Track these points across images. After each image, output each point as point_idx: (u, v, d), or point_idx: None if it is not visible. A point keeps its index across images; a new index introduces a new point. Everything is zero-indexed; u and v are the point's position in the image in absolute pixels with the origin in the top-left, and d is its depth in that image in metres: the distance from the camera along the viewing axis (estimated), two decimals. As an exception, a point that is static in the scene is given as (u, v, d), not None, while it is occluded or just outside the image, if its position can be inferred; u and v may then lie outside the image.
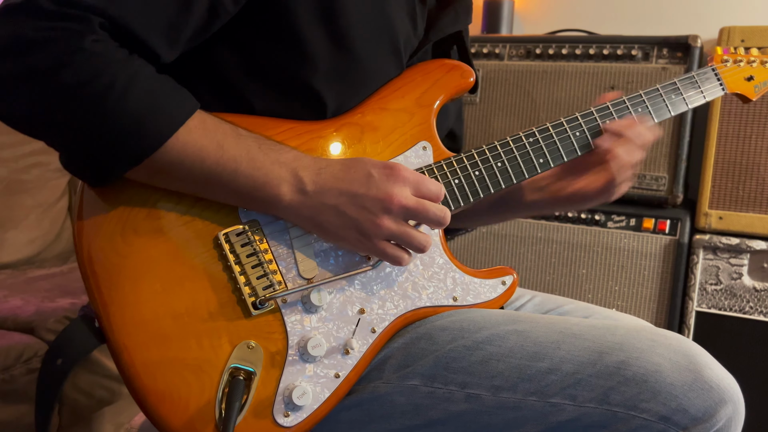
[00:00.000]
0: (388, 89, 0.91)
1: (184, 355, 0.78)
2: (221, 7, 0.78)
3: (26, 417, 1.47)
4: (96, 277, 0.78)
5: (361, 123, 0.89)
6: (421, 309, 0.88)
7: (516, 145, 0.94)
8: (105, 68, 0.70)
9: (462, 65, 0.96)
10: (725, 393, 0.77)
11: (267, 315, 0.81)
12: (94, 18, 0.71)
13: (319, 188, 0.79)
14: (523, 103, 2.00)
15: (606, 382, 0.78)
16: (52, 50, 0.69)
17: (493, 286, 0.93)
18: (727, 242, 1.80)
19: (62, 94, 0.70)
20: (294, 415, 0.80)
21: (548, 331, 0.83)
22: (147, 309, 0.78)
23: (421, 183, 0.81)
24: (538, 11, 2.42)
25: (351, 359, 0.84)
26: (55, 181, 2.21)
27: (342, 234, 0.81)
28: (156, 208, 0.80)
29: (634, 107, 1.01)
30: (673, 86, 1.06)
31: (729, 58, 1.13)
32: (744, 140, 1.81)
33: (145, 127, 0.73)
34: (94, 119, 0.71)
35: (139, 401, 0.78)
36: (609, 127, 0.96)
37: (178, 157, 0.75)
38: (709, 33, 2.03)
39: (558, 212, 1.01)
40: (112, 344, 0.77)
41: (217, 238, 0.80)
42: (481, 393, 0.82)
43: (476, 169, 0.91)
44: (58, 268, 2.04)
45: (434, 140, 0.92)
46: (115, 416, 1.69)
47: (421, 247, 0.82)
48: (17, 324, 1.59)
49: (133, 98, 0.71)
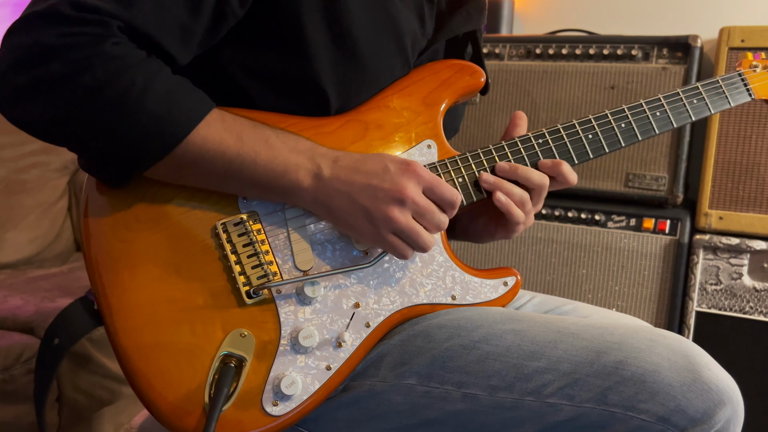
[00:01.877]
0: (395, 88, 0.92)
1: (177, 339, 0.79)
2: (228, 8, 0.80)
3: (26, 417, 1.47)
4: (97, 261, 0.80)
5: (366, 120, 0.89)
6: (418, 306, 0.88)
7: (524, 145, 0.93)
8: (124, 70, 0.73)
9: (472, 65, 0.96)
10: (724, 394, 0.77)
11: (261, 304, 0.82)
12: (112, 22, 0.73)
13: (335, 175, 0.81)
14: (523, 103, 2.00)
15: (604, 382, 0.78)
16: (73, 55, 0.71)
17: (495, 287, 0.92)
18: (727, 242, 1.80)
19: (84, 96, 0.72)
20: (282, 405, 0.81)
21: (546, 331, 0.83)
22: (144, 294, 0.80)
23: (436, 186, 0.82)
24: (538, 11, 2.42)
25: (343, 352, 0.84)
26: (55, 181, 2.22)
27: (352, 221, 0.81)
28: (158, 197, 0.82)
29: (652, 111, 0.97)
30: (695, 91, 1.01)
31: (759, 64, 1.09)
32: (744, 140, 1.80)
33: (166, 124, 0.75)
34: (116, 119, 0.73)
35: (132, 383, 0.79)
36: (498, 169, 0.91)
37: (200, 152, 0.77)
38: (709, 33, 2.03)
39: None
40: (108, 326, 0.79)
41: (215, 228, 0.82)
42: (478, 392, 0.82)
43: (481, 169, 0.91)
44: (58, 268, 2.04)
45: (440, 139, 0.92)
46: (115, 416, 1.69)
47: (425, 247, 0.82)
48: (17, 324, 1.59)
49: (153, 97, 0.74)
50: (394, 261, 0.88)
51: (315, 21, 0.83)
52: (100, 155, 0.77)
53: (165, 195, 0.82)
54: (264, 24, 0.83)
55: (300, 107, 0.87)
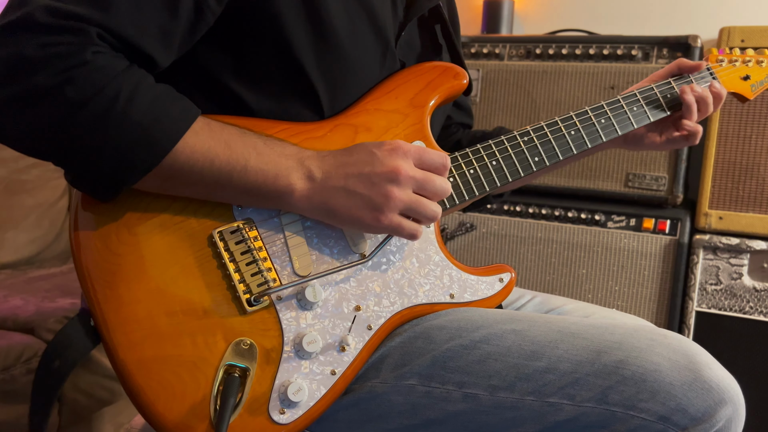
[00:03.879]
0: (382, 90, 0.92)
1: (178, 352, 0.78)
2: (206, 5, 0.78)
3: (26, 417, 1.47)
4: (91, 276, 0.78)
5: (355, 123, 0.89)
6: (418, 306, 0.88)
7: (511, 143, 0.95)
8: (108, 81, 0.71)
9: (454, 67, 0.96)
10: (725, 393, 0.77)
11: (262, 312, 0.81)
12: (92, 29, 0.71)
13: (326, 173, 0.80)
14: (523, 103, 2.00)
15: (604, 382, 0.78)
16: (55, 67, 0.69)
17: (491, 284, 0.92)
18: (727, 242, 1.80)
19: (68, 110, 0.70)
20: (290, 412, 0.80)
21: (546, 330, 0.83)
22: (141, 307, 0.78)
23: (423, 154, 0.83)
24: (538, 11, 2.42)
25: (347, 356, 0.84)
26: (55, 181, 2.22)
27: (355, 215, 0.81)
28: (150, 208, 0.80)
29: (629, 106, 1.04)
30: (668, 85, 1.08)
31: (724, 58, 1.16)
32: (744, 140, 1.80)
33: (153, 135, 0.73)
34: (102, 133, 0.71)
35: (134, 399, 0.78)
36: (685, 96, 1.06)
37: (188, 161, 0.76)
38: (709, 33, 2.03)
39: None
40: (106, 342, 0.78)
41: (212, 236, 0.81)
42: (479, 392, 0.81)
43: (471, 168, 0.93)
44: (58, 268, 2.04)
45: (428, 140, 0.92)
46: (115, 416, 1.69)
47: (434, 215, 0.82)
48: (17, 324, 1.59)
49: (138, 108, 0.72)
50: (392, 263, 0.88)
51: (293, 15, 0.83)
52: (86, 169, 0.74)
53: (157, 205, 0.80)
54: (244, 23, 0.83)
55: (292, 107, 0.87)
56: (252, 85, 0.85)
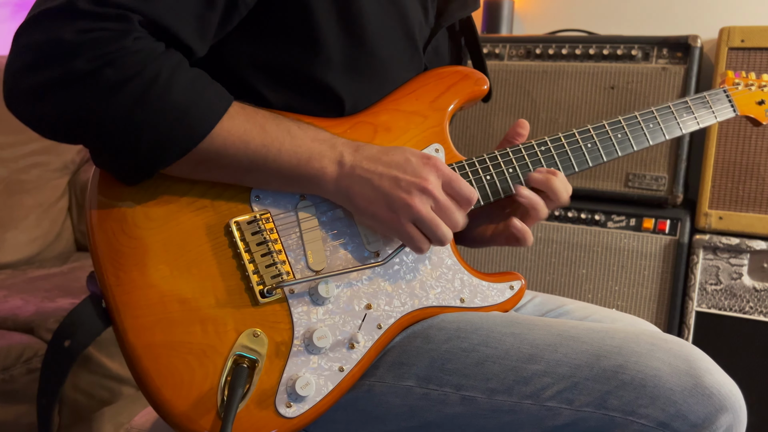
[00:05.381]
0: (403, 91, 0.93)
1: (188, 339, 0.78)
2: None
3: (26, 417, 1.47)
4: (105, 258, 0.78)
5: (375, 122, 0.90)
6: (428, 308, 0.89)
7: (528, 153, 0.95)
8: (148, 63, 0.71)
9: (476, 73, 0.97)
10: (726, 400, 0.76)
11: (274, 304, 0.82)
12: (133, 16, 0.71)
13: (357, 162, 0.81)
14: (523, 103, 2.00)
15: (603, 386, 0.78)
16: (96, 51, 0.70)
17: (501, 290, 0.93)
18: (727, 242, 1.80)
19: (108, 91, 0.70)
20: (296, 406, 0.80)
21: (545, 334, 0.83)
22: (154, 292, 0.78)
23: (454, 181, 0.83)
24: (538, 11, 2.42)
25: (356, 354, 0.84)
26: (55, 181, 2.21)
27: (373, 208, 0.81)
28: (168, 193, 0.81)
29: (645, 123, 1.02)
30: (685, 105, 1.07)
31: (740, 82, 1.15)
32: (744, 140, 1.80)
33: (191, 117, 0.74)
34: (141, 113, 0.72)
35: (141, 385, 0.78)
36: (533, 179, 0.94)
37: (224, 144, 0.77)
38: (709, 33, 2.03)
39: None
40: (116, 325, 0.78)
41: (228, 226, 0.81)
42: (476, 395, 0.81)
43: (487, 174, 0.92)
44: (58, 268, 2.04)
45: (446, 143, 0.93)
46: (115, 416, 1.69)
47: (444, 239, 0.82)
48: (17, 324, 1.59)
49: (177, 90, 0.73)
50: (405, 264, 0.88)
51: (325, 10, 0.83)
52: (122, 151, 0.74)
53: (175, 192, 0.81)
54: (274, 15, 0.83)
55: (311, 103, 0.87)
56: (271, 80, 0.86)
